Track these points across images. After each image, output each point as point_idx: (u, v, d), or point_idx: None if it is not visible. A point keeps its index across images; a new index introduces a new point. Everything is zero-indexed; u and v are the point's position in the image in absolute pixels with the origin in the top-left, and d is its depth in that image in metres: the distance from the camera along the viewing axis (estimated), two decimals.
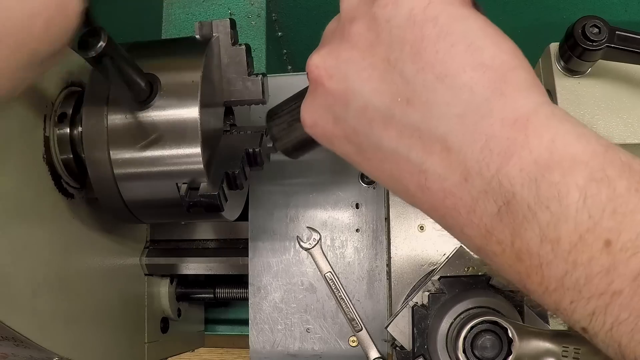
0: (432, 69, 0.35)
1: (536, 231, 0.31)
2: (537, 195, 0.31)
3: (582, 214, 0.30)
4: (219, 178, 0.55)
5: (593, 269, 0.30)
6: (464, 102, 0.34)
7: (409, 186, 0.38)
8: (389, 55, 0.36)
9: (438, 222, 0.38)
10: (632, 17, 0.93)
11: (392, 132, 0.37)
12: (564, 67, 0.65)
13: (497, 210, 0.33)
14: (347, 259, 0.73)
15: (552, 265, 0.31)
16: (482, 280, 0.55)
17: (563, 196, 0.31)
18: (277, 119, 0.57)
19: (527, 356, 0.46)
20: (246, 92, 0.61)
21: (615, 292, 0.30)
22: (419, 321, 0.55)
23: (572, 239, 0.30)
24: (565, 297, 0.31)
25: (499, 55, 0.34)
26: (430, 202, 0.37)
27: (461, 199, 0.34)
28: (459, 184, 0.34)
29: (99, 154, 0.55)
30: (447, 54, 0.34)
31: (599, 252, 0.30)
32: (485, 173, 0.33)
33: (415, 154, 0.36)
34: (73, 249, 0.63)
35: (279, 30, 1.05)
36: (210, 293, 0.91)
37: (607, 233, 0.30)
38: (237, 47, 0.60)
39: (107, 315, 0.69)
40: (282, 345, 0.73)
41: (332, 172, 0.74)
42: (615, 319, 0.30)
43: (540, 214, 0.31)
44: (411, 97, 0.36)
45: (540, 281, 0.32)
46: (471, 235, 0.35)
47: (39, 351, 0.55)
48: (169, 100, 0.54)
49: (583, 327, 0.32)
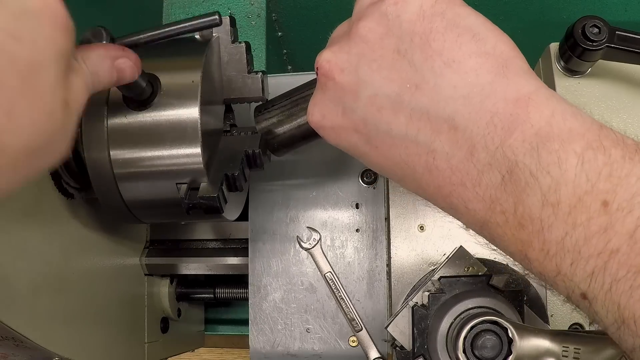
0: (440, 56, 0.38)
1: (538, 196, 0.33)
2: (538, 162, 0.34)
3: (580, 178, 0.32)
4: (219, 179, 0.55)
5: (591, 228, 0.32)
6: (470, 84, 0.37)
7: (416, 169, 0.40)
8: (398, 46, 0.39)
9: (442, 203, 0.40)
10: (632, 17, 0.93)
11: (401, 118, 0.39)
12: (564, 67, 0.65)
13: (501, 179, 0.35)
14: (347, 259, 0.73)
15: (552, 228, 0.33)
16: (482, 280, 0.55)
17: (562, 161, 0.33)
18: (267, 114, 0.57)
19: (527, 356, 0.45)
20: (246, 89, 0.61)
21: (613, 250, 0.31)
22: (419, 321, 0.55)
23: (572, 201, 0.33)
24: (566, 259, 0.33)
25: (500, 46, 0.38)
26: (436, 182, 0.39)
27: (467, 173, 0.37)
28: (465, 159, 0.37)
29: (99, 154, 0.55)
30: (454, 43, 0.38)
31: (597, 213, 0.32)
32: (490, 146, 0.36)
33: (423, 136, 0.38)
34: (73, 249, 0.63)
35: (279, 30, 1.05)
36: (210, 293, 0.91)
37: (604, 194, 0.32)
38: (237, 44, 0.60)
39: (107, 315, 0.69)
40: (282, 345, 0.73)
41: (332, 172, 0.74)
42: (613, 278, 0.31)
43: (541, 179, 0.33)
44: (420, 82, 0.38)
45: (542, 247, 0.34)
46: (476, 209, 0.37)
47: (39, 351, 0.55)
48: (169, 100, 0.54)
49: (583, 292, 0.33)
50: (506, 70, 0.37)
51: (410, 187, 0.42)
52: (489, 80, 0.37)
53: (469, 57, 0.37)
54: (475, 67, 0.37)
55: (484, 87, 0.37)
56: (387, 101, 0.40)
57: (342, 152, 0.46)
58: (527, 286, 0.63)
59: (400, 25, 0.39)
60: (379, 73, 0.40)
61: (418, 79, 0.38)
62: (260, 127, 0.56)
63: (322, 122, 0.45)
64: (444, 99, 0.37)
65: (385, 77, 0.40)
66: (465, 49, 0.38)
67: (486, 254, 0.65)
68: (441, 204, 0.40)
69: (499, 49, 0.38)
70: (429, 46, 0.38)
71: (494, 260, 0.65)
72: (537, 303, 0.63)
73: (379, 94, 0.40)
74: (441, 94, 0.38)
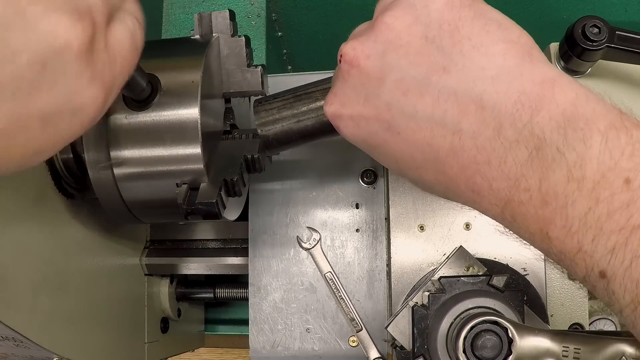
0: (469, 41, 0.39)
1: (564, 171, 0.35)
2: (565, 139, 0.35)
3: (604, 155, 0.34)
4: (218, 180, 0.55)
5: (614, 204, 0.33)
6: (498, 66, 0.38)
7: (439, 152, 0.40)
8: (426, 33, 0.41)
9: (463, 187, 0.40)
10: (632, 17, 0.92)
11: (427, 100, 0.40)
12: (564, 67, 0.65)
13: (527, 155, 0.36)
14: (347, 259, 0.73)
15: (576, 203, 0.34)
16: (482, 280, 0.55)
17: (587, 138, 0.34)
18: (267, 104, 0.57)
19: (527, 356, 0.45)
20: (245, 83, 0.61)
21: (634, 226, 0.32)
22: (419, 321, 0.55)
23: (596, 177, 0.34)
24: (587, 235, 0.34)
25: (524, 36, 0.40)
26: (461, 162, 0.39)
27: (494, 151, 0.37)
28: (492, 137, 0.37)
29: (99, 154, 0.55)
30: (482, 30, 0.40)
31: (620, 189, 0.33)
32: (518, 124, 0.37)
33: (450, 116, 0.39)
34: (73, 249, 0.63)
35: (279, 30, 1.05)
36: (210, 293, 0.91)
37: (626, 172, 0.33)
38: (237, 38, 0.60)
39: (107, 315, 0.69)
40: (282, 345, 0.73)
41: (332, 172, 0.74)
42: (634, 254, 0.32)
43: (568, 155, 0.35)
44: (448, 64, 0.39)
45: (564, 223, 0.35)
46: (500, 187, 0.38)
47: (39, 351, 0.55)
48: (169, 100, 0.54)
49: (602, 270, 0.34)
50: (531, 57, 0.39)
51: (429, 174, 0.42)
52: (516, 63, 0.38)
53: (496, 42, 0.39)
54: (502, 51, 0.39)
55: (511, 69, 0.38)
56: (413, 83, 0.40)
57: (342, 152, 0.46)
58: (527, 286, 0.63)
59: (428, 13, 0.41)
60: (406, 58, 0.41)
61: (446, 61, 0.40)
62: (258, 117, 0.56)
63: (340, 110, 0.45)
64: (472, 80, 0.39)
65: (412, 62, 0.41)
66: (492, 35, 0.39)
67: (486, 254, 0.65)
68: (462, 188, 0.40)
69: (523, 39, 0.40)
70: (458, 32, 0.40)
71: (494, 260, 0.65)
72: (537, 303, 0.63)
73: (405, 77, 0.41)
74: (469, 75, 0.39)
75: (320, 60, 1.08)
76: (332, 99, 0.46)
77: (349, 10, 0.99)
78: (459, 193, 0.41)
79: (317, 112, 0.55)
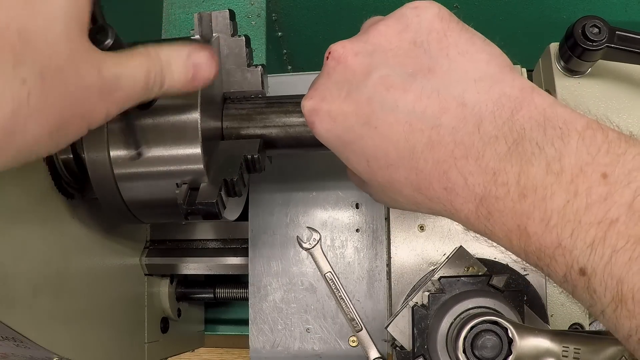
0: (456, 47, 0.42)
1: (543, 165, 0.35)
2: (544, 135, 0.36)
3: (582, 151, 0.35)
4: (218, 180, 0.55)
5: (592, 197, 0.34)
6: (481, 70, 0.41)
7: (416, 146, 0.40)
8: (415, 39, 0.43)
9: (436, 185, 0.40)
10: (632, 17, 0.93)
11: (410, 95, 0.41)
12: (564, 67, 0.65)
13: (507, 149, 0.37)
14: (347, 259, 0.73)
15: (555, 195, 0.35)
16: (482, 280, 0.55)
17: (565, 136, 0.36)
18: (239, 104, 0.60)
19: (527, 356, 0.46)
20: (245, 82, 0.61)
21: (612, 219, 0.33)
22: (419, 321, 0.55)
23: (574, 171, 0.35)
24: (566, 229, 0.34)
25: (503, 54, 0.43)
26: (437, 157, 0.40)
27: (472, 146, 0.38)
28: (471, 132, 0.38)
29: (99, 154, 0.55)
30: (469, 40, 0.42)
31: (597, 182, 0.34)
32: (498, 120, 0.38)
33: (430, 112, 0.40)
34: (73, 249, 0.63)
35: (279, 30, 1.05)
36: (210, 293, 0.91)
37: (603, 167, 0.34)
38: (237, 38, 0.60)
39: (107, 315, 0.69)
40: (282, 345, 0.73)
41: (332, 172, 0.74)
42: (613, 248, 0.32)
43: (547, 149, 0.36)
44: (433, 66, 0.41)
45: (542, 216, 0.35)
46: (475, 183, 0.38)
47: (38, 351, 0.55)
48: (169, 100, 0.54)
49: (582, 267, 0.34)
50: (511, 69, 0.41)
51: (400, 172, 0.42)
52: (498, 71, 0.41)
53: (481, 51, 0.42)
54: (486, 59, 0.41)
55: (493, 75, 0.40)
56: (398, 80, 0.41)
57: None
58: (527, 286, 0.63)
59: (419, 22, 0.43)
60: (394, 58, 0.42)
61: (432, 63, 0.41)
62: (226, 116, 0.57)
63: (319, 104, 0.45)
64: (455, 80, 0.40)
65: (399, 61, 0.42)
66: (477, 46, 0.42)
67: (486, 254, 0.65)
68: (434, 186, 0.40)
69: (504, 56, 0.43)
70: (446, 39, 0.42)
71: (494, 260, 0.65)
72: (537, 303, 0.63)
73: (391, 74, 0.42)
74: (453, 76, 0.41)
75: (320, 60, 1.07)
76: (312, 94, 0.46)
77: (349, 10, 0.99)
78: (429, 193, 0.41)
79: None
